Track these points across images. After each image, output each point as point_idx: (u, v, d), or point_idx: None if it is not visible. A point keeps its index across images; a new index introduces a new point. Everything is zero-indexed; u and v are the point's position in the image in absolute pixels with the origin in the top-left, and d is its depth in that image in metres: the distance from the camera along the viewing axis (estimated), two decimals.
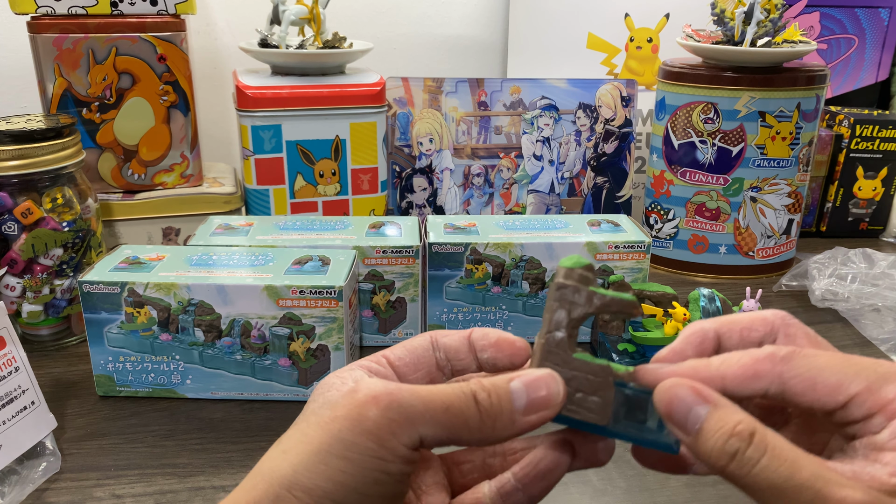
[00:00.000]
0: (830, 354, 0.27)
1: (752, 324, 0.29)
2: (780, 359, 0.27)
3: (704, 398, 0.26)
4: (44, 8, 0.71)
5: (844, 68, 1.05)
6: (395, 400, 0.26)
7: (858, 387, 0.26)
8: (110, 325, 0.57)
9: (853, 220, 0.98)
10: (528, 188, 0.91)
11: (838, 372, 0.26)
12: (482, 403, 0.27)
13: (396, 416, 0.25)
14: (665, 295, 0.63)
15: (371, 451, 0.25)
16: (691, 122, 0.81)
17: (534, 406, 0.27)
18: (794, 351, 0.27)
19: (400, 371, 0.31)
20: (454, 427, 0.26)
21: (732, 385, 0.27)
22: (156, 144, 0.77)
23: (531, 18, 0.98)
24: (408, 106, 0.87)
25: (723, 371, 0.27)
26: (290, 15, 0.77)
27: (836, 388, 0.26)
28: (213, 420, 0.57)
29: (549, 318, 0.29)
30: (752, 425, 0.25)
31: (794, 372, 0.26)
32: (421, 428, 0.26)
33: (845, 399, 0.26)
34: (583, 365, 0.28)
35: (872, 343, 0.70)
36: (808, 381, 0.26)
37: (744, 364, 0.27)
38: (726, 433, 0.25)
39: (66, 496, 0.48)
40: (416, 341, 0.31)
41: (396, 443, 0.25)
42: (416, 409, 0.26)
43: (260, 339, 0.58)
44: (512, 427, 0.27)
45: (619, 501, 0.48)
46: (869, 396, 0.26)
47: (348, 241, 0.65)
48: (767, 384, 0.27)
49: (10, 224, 0.62)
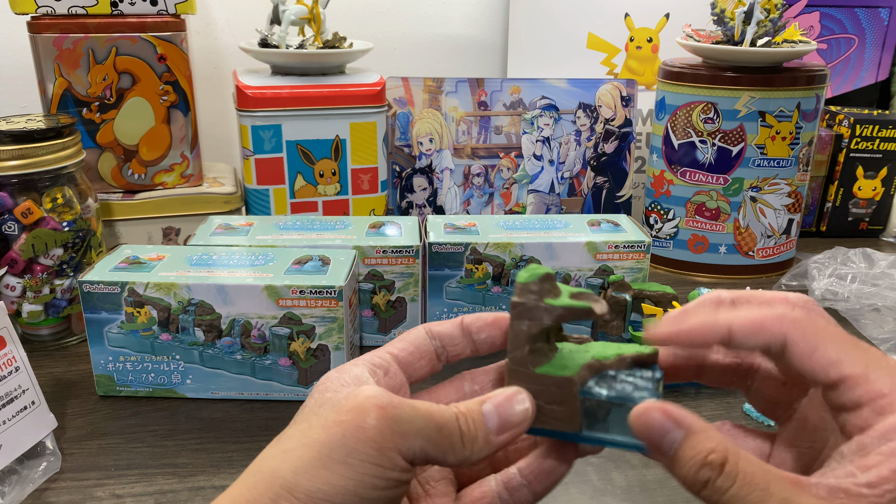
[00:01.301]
0: (843, 333, 0.27)
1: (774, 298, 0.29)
2: (790, 319, 0.27)
3: (677, 423, 0.26)
4: (44, 8, 0.71)
5: (844, 68, 1.05)
6: (398, 413, 0.27)
7: (853, 369, 0.26)
8: (110, 324, 0.57)
9: (853, 219, 0.98)
10: (528, 188, 0.91)
11: (841, 349, 0.26)
12: (462, 428, 0.28)
13: (398, 428, 0.26)
14: (665, 295, 0.63)
15: (371, 458, 0.26)
16: (691, 121, 0.81)
17: (505, 425, 0.29)
18: (808, 315, 0.27)
19: (404, 362, 0.31)
20: (443, 447, 0.27)
21: (738, 335, 0.27)
22: (156, 144, 0.77)
23: (531, 18, 0.98)
24: (408, 106, 0.87)
25: (730, 320, 0.27)
26: (290, 15, 0.77)
27: (833, 362, 0.26)
28: (213, 420, 0.57)
29: (511, 336, 0.30)
30: (723, 454, 0.25)
31: (799, 333, 0.26)
32: (418, 442, 0.27)
33: (837, 377, 0.26)
34: (545, 378, 0.29)
35: (872, 343, 0.70)
36: (809, 346, 0.26)
37: (752, 316, 0.27)
38: (699, 463, 0.25)
39: (66, 496, 0.48)
40: (413, 333, 0.32)
41: (395, 453, 0.26)
42: (415, 424, 0.27)
43: (260, 339, 0.58)
44: (487, 447, 0.28)
45: (619, 501, 0.48)
46: (861, 383, 0.25)
47: (348, 240, 0.65)
48: (771, 338, 0.27)
49: (10, 224, 0.62)
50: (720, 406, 0.59)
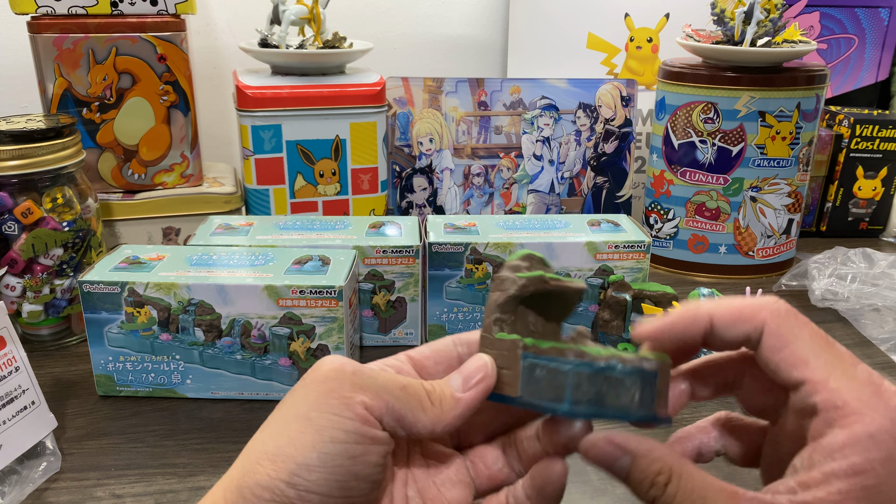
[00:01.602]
0: (820, 334, 0.27)
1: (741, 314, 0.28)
2: (770, 309, 0.27)
3: (623, 449, 0.27)
4: (44, 8, 0.71)
5: (844, 68, 1.05)
6: (359, 369, 0.28)
7: (816, 374, 0.25)
8: (110, 324, 0.57)
9: (853, 219, 0.98)
10: (528, 188, 0.91)
11: (811, 350, 0.26)
12: (427, 388, 0.29)
13: (359, 381, 0.28)
14: (665, 295, 0.63)
15: (331, 407, 0.27)
16: (691, 121, 0.81)
17: (467, 381, 0.29)
18: (789, 310, 0.27)
19: (420, 365, 0.32)
20: (410, 405, 0.28)
21: (719, 324, 0.27)
22: (156, 144, 0.77)
23: (531, 18, 0.98)
24: (408, 106, 0.87)
25: (711, 310, 0.28)
26: (290, 15, 0.77)
27: (799, 362, 0.26)
28: (213, 420, 0.57)
29: (486, 305, 0.31)
30: (668, 475, 0.26)
31: (775, 326, 0.26)
32: (381, 394, 0.27)
33: (799, 378, 0.26)
34: (501, 343, 0.30)
35: (872, 343, 0.70)
36: (781, 341, 0.26)
37: (733, 305, 0.27)
38: (648, 483, 0.27)
39: (66, 496, 0.48)
40: (438, 340, 0.33)
41: (356, 401, 0.27)
42: (377, 380, 0.28)
43: (260, 339, 0.58)
44: (457, 404, 0.29)
45: (619, 501, 0.48)
46: (821, 389, 0.25)
47: (348, 240, 0.65)
48: (750, 328, 0.27)
49: (10, 224, 0.62)
50: (720, 405, 0.59)
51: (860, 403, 0.25)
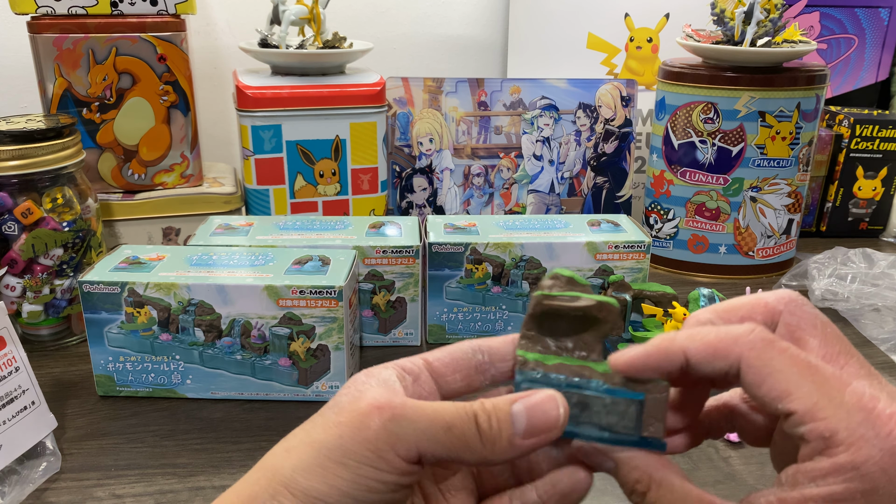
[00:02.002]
0: (804, 362, 0.26)
1: (753, 310, 0.29)
2: (745, 342, 0.26)
3: (606, 455, 0.29)
4: (44, 8, 0.71)
5: (844, 68, 1.05)
6: (399, 414, 0.26)
7: (801, 404, 0.25)
8: (110, 325, 0.57)
9: (853, 219, 0.98)
10: (528, 188, 0.91)
11: (791, 380, 0.25)
12: (482, 426, 0.27)
13: (397, 430, 0.26)
14: (665, 295, 0.63)
15: (368, 460, 0.26)
16: (691, 121, 0.81)
17: (534, 430, 0.27)
18: (765, 339, 0.26)
19: (437, 371, 0.30)
20: (454, 448, 0.26)
21: (694, 361, 0.27)
22: (156, 144, 0.77)
23: (531, 18, 0.98)
24: (408, 106, 0.87)
25: (686, 345, 0.27)
26: (290, 15, 0.77)
27: (782, 395, 0.25)
28: (213, 420, 0.57)
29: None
30: (647, 484, 0.27)
31: (751, 360, 0.26)
32: (421, 444, 0.26)
33: (786, 410, 0.25)
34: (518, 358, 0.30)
35: (872, 343, 0.70)
36: (758, 376, 0.26)
37: (707, 341, 0.27)
38: (629, 489, 0.28)
39: (66, 496, 0.48)
40: (456, 344, 0.31)
41: (394, 455, 0.26)
42: (417, 426, 0.26)
43: (260, 339, 0.58)
44: (511, 450, 0.27)
45: (619, 501, 0.48)
46: (808, 420, 0.25)
47: (348, 241, 0.65)
48: (728, 366, 0.26)
49: (10, 224, 0.62)
50: None
51: (848, 433, 0.24)
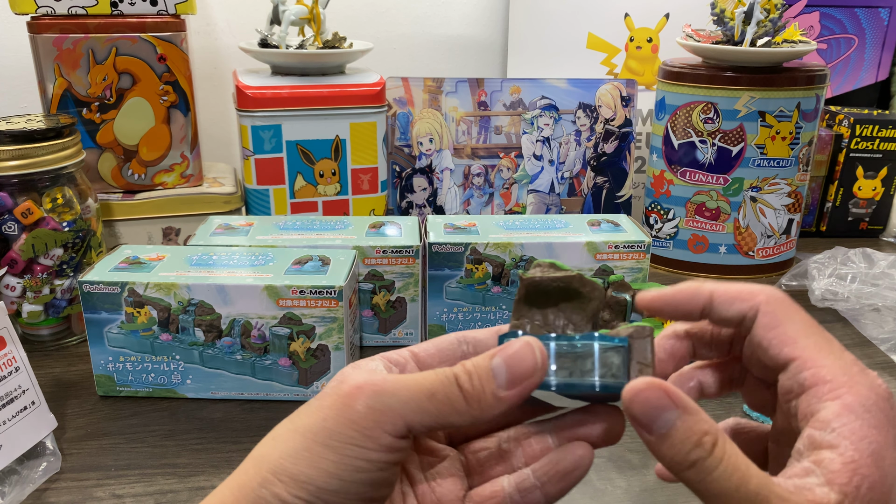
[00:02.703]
0: (812, 322, 0.28)
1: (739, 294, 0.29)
2: (766, 293, 0.28)
3: (676, 403, 0.25)
4: (44, 8, 0.71)
5: (844, 68, 1.05)
6: (380, 390, 0.26)
7: (805, 352, 0.27)
8: (110, 325, 0.57)
9: (853, 219, 0.98)
10: (528, 188, 0.91)
11: (801, 330, 0.27)
12: (464, 386, 0.27)
13: (380, 406, 0.26)
14: None
15: (353, 440, 0.26)
16: (691, 121, 0.81)
17: (515, 379, 0.27)
18: (782, 295, 0.28)
19: (423, 362, 0.31)
20: (440, 413, 0.27)
21: (718, 301, 0.29)
22: (156, 144, 0.77)
23: (531, 18, 0.98)
24: (408, 106, 0.87)
25: (713, 288, 0.29)
26: (290, 15, 0.77)
27: (789, 340, 0.27)
28: (213, 420, 0.57)
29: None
30: (715, 436, 0.25)
31: (770, 307, 0.28)
32: (407, 416, 0.26)
33: (789, 356, 0.27)
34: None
35: (872, 343, 0.70)
36: (774, 319, 0.28)
37: (733, 287, 0.29)
38: (693, 443, 0.25)
39: (66, 496, 0.48)
40: (441, 337, 0.32)
41: (380, 432, 0.26)
42: (400, 398, 0.26)
43: (260, 339, 0.58)
44: (497, 404, 0.27)
45: (619, 501, 0.48)
46: (810, 366, 0.26)
47: (348, 241, 0.65)
48: (746, 308, 0.28)
49: (10, 224, 0.62)
50: (720, 406, 0.59)
51: (848, 377, 0.26)
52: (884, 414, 0.25)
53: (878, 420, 0.25)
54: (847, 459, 0.24)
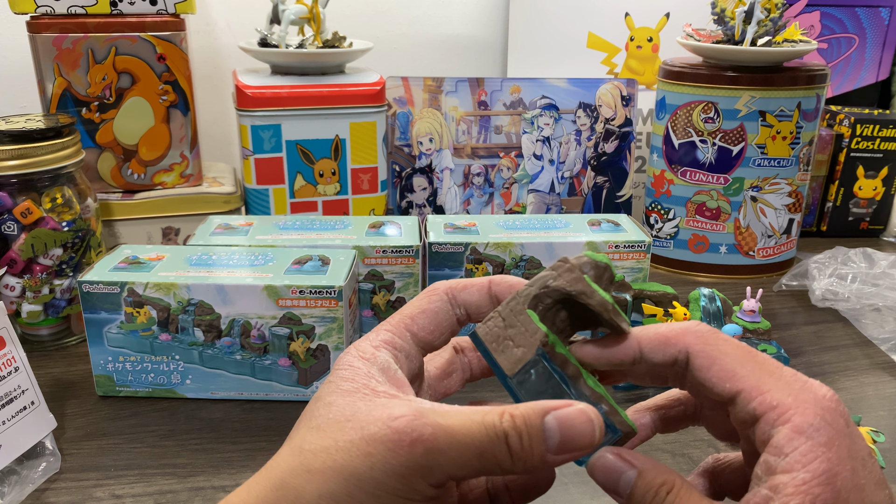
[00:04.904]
0: (742, 347, 0.28)
1: (667, 339, 0.29)
2: (692, 332, 0.28)
3: (630, 463, 0.28)
4: (43, 8, 0.71)
5: (845, 68, 1.05)
6: (432, 448, 0.26)
7: (746, 382, 0.27)
8: (110, 325, 0.57)
9: (853, 219, 0.98)
10: (528, 188, 0.91)
11: (737, 363, 0.27)
12: (513, 447, 0.26)
13: (430, 463, 0.26)
14: (665, 295, 0.63)
15: (398, 491, 0.26)
16: (691, 121, 0.81)
17: (567, 447, 0.27)
18: (710, 330, 0.29)
19: (424, 340, 0.31)
20: (484, 468, 0.26)
21: (647, 349, 0.29)
22: (155, 144, 0.77)
23: (531, 18, 0.98)
24: (408, 105, 0.87)
25: (639, 335, 0.29)
26: (290, 14, 0.77)
27: (728, 375, 0.27)
28: (213, 420, 0.57)
29: (537, 275, 0.31)
30: (671, 484, 0.27)
31: (700, 346, 0.28)
32: (452, 472, 0.26)
33: (733, 389, 0.27)
34: (526, 319, 0.30)
35: (872, 343, 0.70)
36: (708, 358, 0.28)
37: (659, 332, 0.29)
38: (651, 494, 0.27)
39: (65, 496, 0.48)
40: (433, 303, 0.32)
41: (425, 485, 0.26)
42: (449, 457, 0.26)
43: (260, 339, 0.58)
44: (542, 466, 0.26)
45: None
46: (755, 395, 0.26)
47: (348, 240, 0.65)
48: (677, 352, 0.28)
49: (9, 224, 0.62)
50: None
51: (792, 398, 0.26)
52: (833, 428, 0.25)
53: (828, 436, 0.25)
54: (799, 482, 0.25)
